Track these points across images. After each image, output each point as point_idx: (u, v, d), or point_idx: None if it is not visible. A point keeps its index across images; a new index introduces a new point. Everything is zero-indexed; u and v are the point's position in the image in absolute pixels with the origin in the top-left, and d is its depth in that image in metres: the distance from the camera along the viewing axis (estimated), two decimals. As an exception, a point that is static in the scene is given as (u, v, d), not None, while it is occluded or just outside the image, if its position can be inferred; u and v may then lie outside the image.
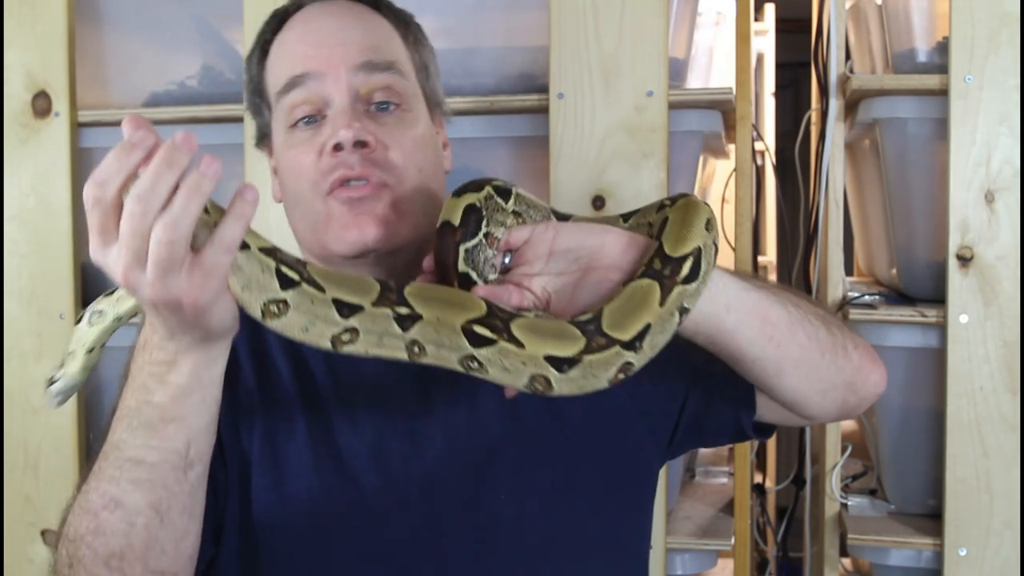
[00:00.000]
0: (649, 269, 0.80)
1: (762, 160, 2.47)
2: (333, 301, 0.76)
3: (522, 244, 0.85)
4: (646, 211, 0.91)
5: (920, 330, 1.60)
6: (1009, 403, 1.53)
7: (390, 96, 1.03)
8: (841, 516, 1.71)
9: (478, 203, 0.86)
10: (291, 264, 0.77)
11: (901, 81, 1.61)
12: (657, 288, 0.79)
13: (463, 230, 0.85)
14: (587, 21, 1.56)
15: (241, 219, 0.74)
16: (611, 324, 0.77)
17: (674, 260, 0.80)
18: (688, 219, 0.83)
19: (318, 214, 1.02)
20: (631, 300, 0.79)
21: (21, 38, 1.74)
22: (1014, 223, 1.53)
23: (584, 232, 0.84)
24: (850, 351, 0.97)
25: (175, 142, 0.73)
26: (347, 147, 0.99)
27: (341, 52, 1.02)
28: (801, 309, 0.94)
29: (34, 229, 1.75)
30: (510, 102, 1.61)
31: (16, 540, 1.77)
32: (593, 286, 0.83)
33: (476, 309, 0.77)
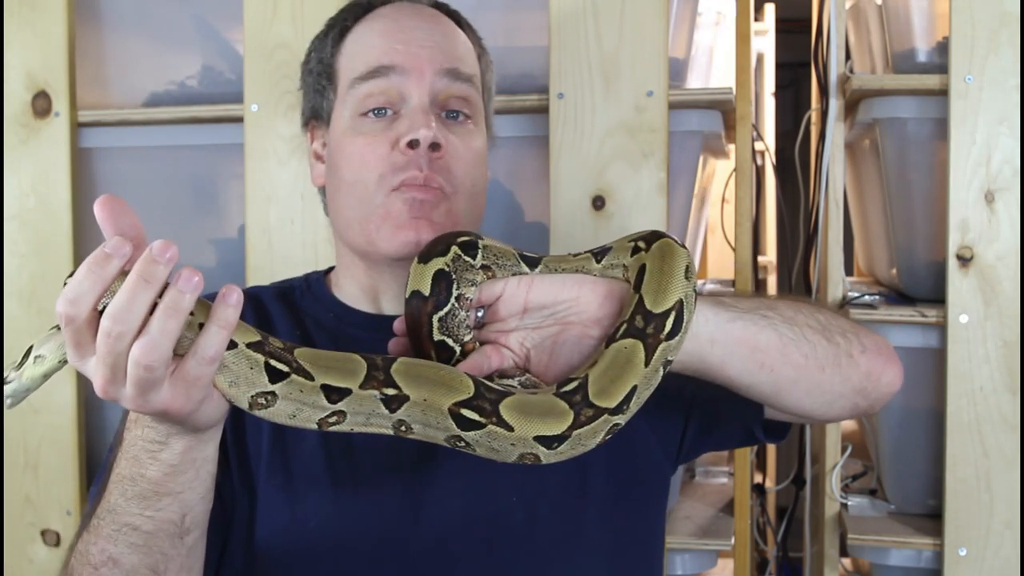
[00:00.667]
0: (631, 326, 0.78)
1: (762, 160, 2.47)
2: (322, 387, 0.75)
3: (495, 300, 0.84)
4: (619, 250, 0.88)
5: (920, 330, 1.60)
6: (1009, 403, 1.53)
7: (463, 107, 1.05)
8: (841, 516, 1.71)
9: (446, 267, 0.84)
10: (279, 355, 0.75)
11: (901, 81, 1.61)
12: (641, 348, 0.78)
13: (434, 300, 0.82)
14: (587, 21, 1.56)
15: (224, 328, 0.72)
16: (597, 392, 0.76)
17: (656, 316, 0.78)
18: (667, 268, 0.81)
19: (376, 207, 1.02)
20: (615, 363, 0.77)
21: (21, 38, 1.74)
22: (1014, 223, 1.53)
23: (558, 286, 0.82)
24: (856, 358, 0.95)
25: (153, 254, 0.68)
26: (423, 146, 1.00)
27: (428, 53, 1.03)
28: (796, 325, 0.90)
29: (34, 229, 1.75)
30: (510, 102, 1.61)
31: (16, 540, 1.77)
32: (573, 343, 0.82)
33: (464, 390, 0.75)
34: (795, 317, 0.91)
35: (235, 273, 1.72)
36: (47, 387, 1.83)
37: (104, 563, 0.84)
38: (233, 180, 1.76)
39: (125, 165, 1.81)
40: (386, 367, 0.76)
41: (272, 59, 1.63)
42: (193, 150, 1.78)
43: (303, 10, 1.61)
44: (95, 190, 1.81)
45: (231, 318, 0.72)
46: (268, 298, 1.12)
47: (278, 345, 0.76)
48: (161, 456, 0.80)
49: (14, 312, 1.76)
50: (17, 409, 1.76)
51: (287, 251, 1.65)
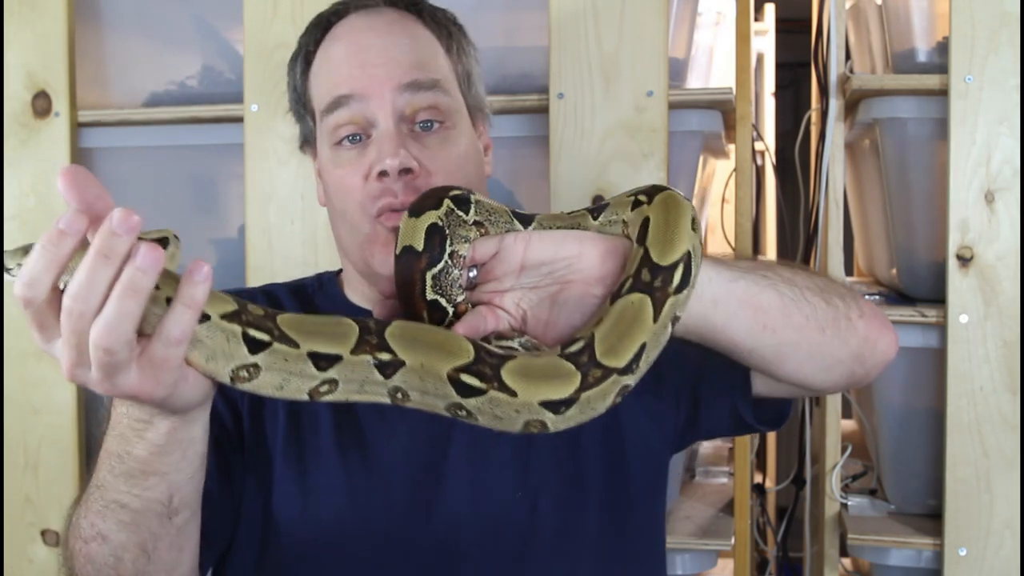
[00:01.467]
0: (637, 281, 0.74)
1: (762, 160, 2.47)
2: (309, 355, 0.70)
3: (490, 258, 0.80)
4: (617, 206, 0.84)
5: (920, 330, 1.60)
6: (1009, 403, 1.53)
7: (434, 115, 1.03)
8: (841, 516, 1.71)
9: (439, 221, 0.79)
10: (259, 324, 0.70)
11: (901, 81, 1.61)
12: (649, 303, 0.74)
13: (428, 255, 0.78)
14: (587, 21, 1.56)
15: (191, 307, 0.67)
16: (605, 351, 0.72)
17: (664, 269, 0.74)
18: (672, 220, 0.77)
19: (364, 233, 1.02)
20: (623, 320, 0.73)
21: (21, 38, 1.74)
22: (1014, 223, 1.53)
23: (557, 241, 0.79)
24: (854, 321, 0.93)
25: (112, 226, 0.64)
26: (392, 174, 0.99)
27: (384, 72, 1.02)
28: (796, 286, 0.89)
29: (34, 229, 1.75)
30: (510, 102, 1.61)
31: (16, 540, 1.77)
32: (575, 302, 0.78)
33: (463, 355, 0.71)
34: (793, 278, 0.90)
35: (235, 273, 1.72)
36: (47, 387, 1.83)
37: (93, 538, 0.83)
38: (233, 180, 1.76)
39: (125, 165, 1.81)
40: (379, 331, 0.72)
41: (272, 59, 1.63)
42: (193, 150, 1.78)
43: (303, 10, 1.61)
44: (95, 190, 1.81)
45: (198, 296, 0.67)
46: (283, 295, 1.13)
47: (258, 313, 0.71)
48: (146, 435, 0.77)
49: (14, 312, 1.76)
50: (17, 409, 1.77)
51: (287, 251, 1.65)
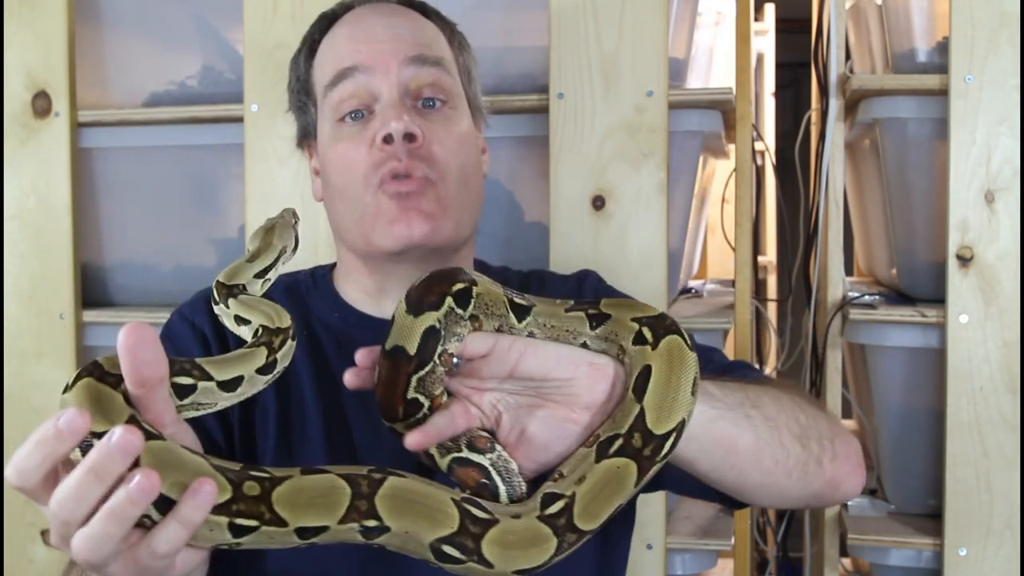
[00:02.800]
0: (628, 445, 0.72)
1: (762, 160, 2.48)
2: (296, 531, 0.68)
3: (478, 358, 0.76)
4: (618, 325, 0.79)
5: (920, 330, 1.60)
6: (1009, 403, 1.53)
7: (437, 93, 1.04)
8: (841, 516, 1.71)
9: (437, 323, 0.75)
10: (250, 510, 0.66)
11: (901, 81, 1.61)
12: (634, 470, 0.72)
13: (418, 359, 0.74)
14: (587, 21, 1.56)
15: (186, 527, 0.64)
16: (582, 512, 0.71)
17: (657, 438, 0.73)
18: (675, 381, 0.74)
19: (367, 207, 1.02)
20: (607, 484, 0.72)
21: (21, 38, 1.74)
22: (1014, 223, 1.53)
23: (552, 361, 0.75)
24: (824, 465, 0.91)
25: (111, 444, 0.61)
26: (397, 139, 1.00)
27: (391, 47, 1.03)
28: (775, 428, 0.86)
29: (34, 229, 1.75)
30: (510, 102, 1.61)
31: (16, 540, 1.77)
32: (554, 423, 0.76)
33: (447, 523, 0.69)
34: (777, 418, 0.87)
35: (235, 273, 1.72)
36: (47, 387, 1.83)
37: None
38: (233, 180, 1.76)
39: (125, 165, 1.81)
40: (371, 493, 0.69)
41: (272, 59, 1.63)
42: (193, 150, 1.78)
43: (303, 10, 1.61)
44: (95, 190, 1.81)
45: (196, 519, 0.63)
46: (276, 292, 1.12)
47: (254, 494, 0.67)
48: None
49: (14, 312, 1.76)
50: (17, 409, 1.77)
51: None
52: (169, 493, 0.63)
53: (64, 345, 1.74)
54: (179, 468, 0.65)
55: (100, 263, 1.84)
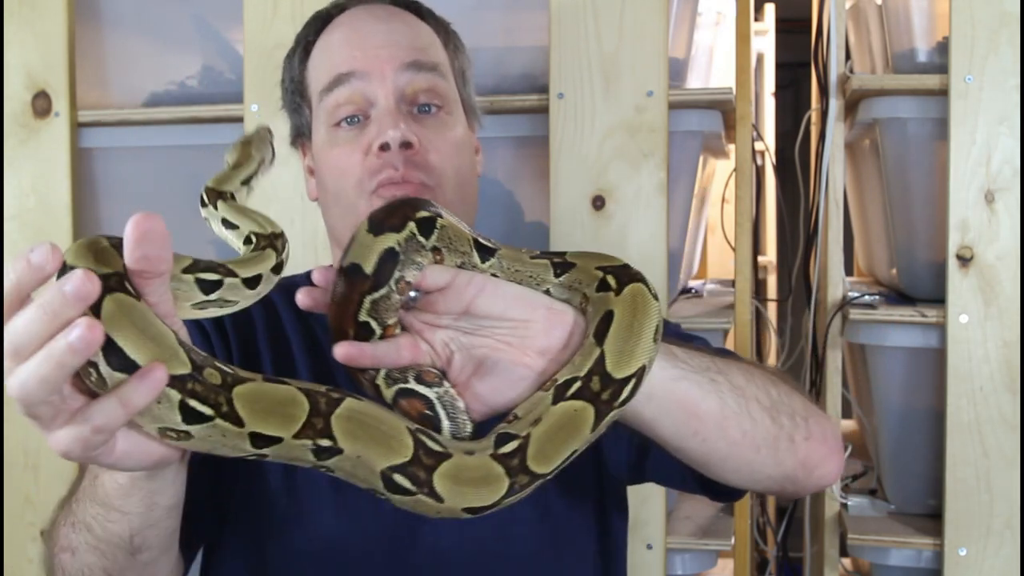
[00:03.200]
0: (586, 388, 0.71)
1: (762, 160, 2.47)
2: (250, 435, 0.65)
3: (436, 290, 0.73)
4: (583, 273, 0.78)
5: (920, 330, 1.60)
6: (1009, 403, 1.53)
7: (432, 98, 1.05)
8: (841, 516, 1.71)
9: (397, 246, 0.72)
10: (207, 395, 0.63)
11: (901, 81, 1.61)
12: (592, 414, 0.70)
13: (373, 280, 0.72)
14: (587, 21, 1.56)
15: (125, 407, 0.60)
16: (535, 455, 0.69)
17: (616, 382, 0.71)
18: (637, 327, 0.72)
19: (360, 213, 1.01)
20: (562, 427, 0.70)
21: (21, 38, 1.74)
22: (1014, 223, 1.53)
23: (510, 300, 0.74)
24: (797, 443, 0.87)
25: (64, 287, 0.58)
26: (394, 147, 1.00)
27: (387, 53, 1.03)
28: (744, 397, 0.83)
29: (34, 229, 1.75)
30: (510, 102, 1.61)
31: (16, 540, 1.77)
32: (506, 366, 0.73)
33: (401, 452, 0.67)
34: (745, 387, 0.84)
35: (235, 273, 1.72)
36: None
37: (65, 549, 0.83)
38: (233, 180, 1.76)
39: (125, 165, 1.81)
40: (328, 412, 0.67)
41: (272, 59, 1.63)
42: (193, 150, 1.78)
43: (303, 10, 1.61)
44: (95, 190, 1.81)
45: (136, 401, 0.60)
46: (274, 291, 1.12)
47: (213, 381, 0.64)
48: (111, 471, 0.74)
49: (14, 312, 1.76)
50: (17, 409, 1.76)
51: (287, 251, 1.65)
52: (124, 348, 0.60)
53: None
54: (143, 331, 0.61)
55: (100, 263, 1.83)
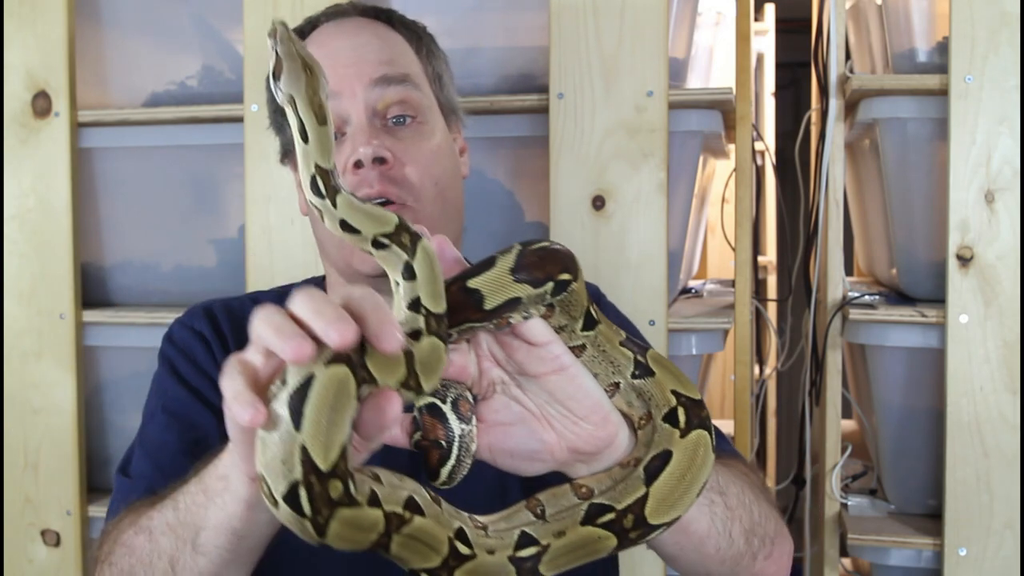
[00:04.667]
0: (618, 524, 0.70)
1: (762, 160, 2.48)
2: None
3: (529, 344, 0.71)
4: (658, 386, 0.76)
5: (920, 330, 1.60)
6: (1009, 403, 1.53)
7: (406, 110, 1.05)
8: (841, 516, 1.71)
9: (524, 299, 0.70)
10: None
11: (901, 81, 1.61)
12: (613, 545, 0.71)
13: (485, 315, 0.70)
14: (587, 21, 1.56)
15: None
16: (549, 563, 0.70)
17: (649, 527, 0.71)
18: (690, 478, 0.72)
19: None
20: (582, 548, 0.71)
21: (21, 38, 1.74)
22: (1014, 223, 1.53)
23: (580, 394, 0.72)
24: (758, 562, 0.91)
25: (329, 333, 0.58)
26: (367, 164, 1.00)
27: (355, 70, 1.03)
28: (730, 520, 0.85)
29: (34, 229, 1.76)
30: (510, 102, 1.61)
31: (16, 540, 1.77)
32: (533, 446, 0.73)
33: (434, 559, 0.67)
34: (736, 508, 0.86)
35: (235, 273, 1.72)
36: (47, 387, 1.83)
37: (143, 530, 0.82)
38: (233, 180, 1.76)
39: (125, 165, 1.81)
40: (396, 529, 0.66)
41: (272, 59, 1.63)
42: (193, 150, 1.78)
43: (303, 10, 1.61)
44: (95, 190, 1.81)
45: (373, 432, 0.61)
46: (271, 300, 1.12)
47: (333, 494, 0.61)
48: (217, 500, 0.75)
49: (14, 312, 1.76)
50: (17, 409, 1.77)
51: (287, 251, 1.65)
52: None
53: (64, 345, 1.75)
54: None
55: (100, 263, 1.84)
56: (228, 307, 1.12)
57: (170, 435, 1.02)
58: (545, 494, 0.73)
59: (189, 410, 1.04)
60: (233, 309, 1.12)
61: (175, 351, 1.08)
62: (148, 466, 1.00)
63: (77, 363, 1.75)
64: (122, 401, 1.81)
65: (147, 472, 1.00)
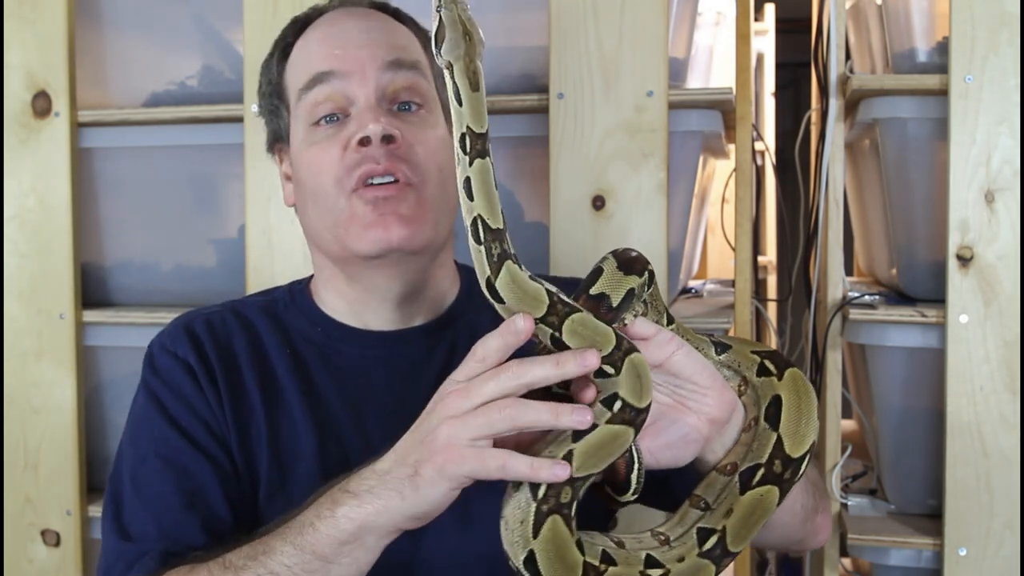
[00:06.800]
0: (770, 471, 0.80)
1: (762, 160, 2.48)
2: None
3: (640, 339, 0.80)
4: (740, 355, 0.87)
5: (920, 330, 1.60)
6: (1009, 403, 1.53)
7: (414, 96, 1.04)
8: (841, 516, 1.71)
9: (636, 289, 0.81)
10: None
11: (901, 81, 1.61)
12: (776, 494, 0.81)
13: (616, 313, 0.79)
14: (587, 21, 1.56)
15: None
16: (733, 541, 0.80)
17: (794, 461, 0.81)
18: (805, 408, 0.82)
19: (341, 212, 1.01)
20: (753, 513, 0.80)
21: (21, 38, 1.74)
22: (1014, 223, 1.53)
23: (700, 366, 0.80)
24: (817, 517, 1.01)
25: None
26: (375, 141, 0.99)
27: (368, 52, 1.03)
28: (809, 482, 0.95)
29: (34, 229, 1.76)
30: (510, 102, 1.61)
31: (16, 540, 1.77)
32: (681, 429, 0.80)
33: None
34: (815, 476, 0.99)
35: (235, 273, 1.72)
36: (47, 387, 1.83)
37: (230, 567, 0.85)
38: (233, 180, 1.76)
39: (125, 165, 1.81)
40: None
41: (272, 59, 1.63)
42: (193, 150, 1.78)
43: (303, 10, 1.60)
44: (95, 190, 1.81)
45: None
46: (253, 314, 1.10)
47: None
48: (337, 516, 0.80)
49: (14, 312, 1.76)
50: (17, 409, 1.77)
51: (287, 251, 1.65)
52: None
53: (64, 345, 1.75)
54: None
55: (100, 263, 1.84)
56: (210, 324, 1.07)
57: (166, 485, 0.98)
58: (700, 487, 0.84)
59: (182, 455, 0.99)
60: (215, 326, 1.07)
61: (160, 384, 1.03)
62: (152, 528, 0.96)
63: (77, 363, 1.75)
64: (122, 401, 1.81)
65: (151, 535, 0.96)
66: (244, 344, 1.06)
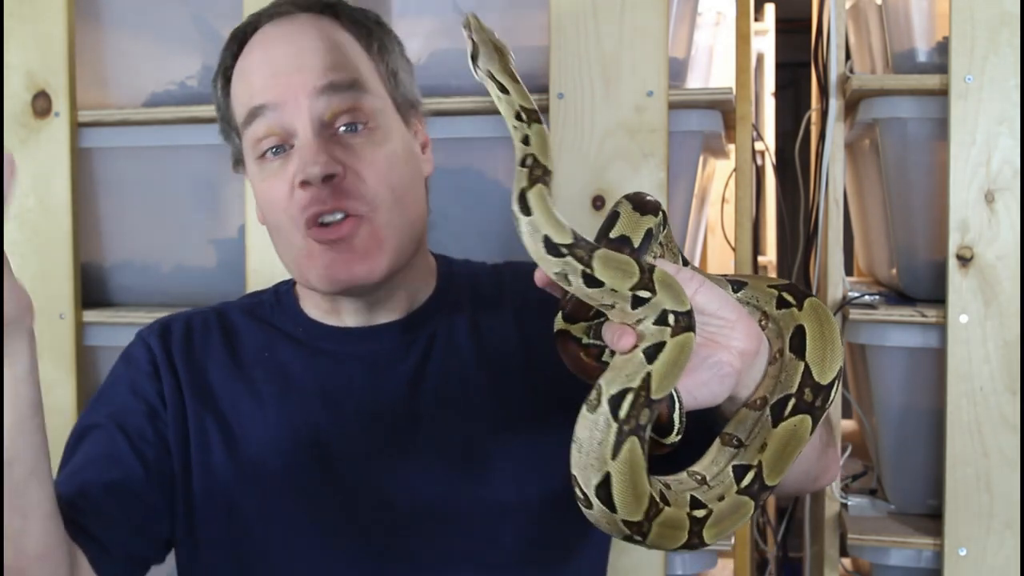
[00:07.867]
0: (800, 400, 0.80)
1: (762, 160, 2.48)
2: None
3: None
4: (757, 290, 0.87)
5: (920, 330, 1.60)
6: (1009, 403, 1.53)
7: (356, 117, 1.00)
8: (841, 516, 1.71)
9: (653, 228, 0.82)
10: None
11: (901, 81, 1.61)
12: (809, 422, 0.81)
13: (637, 255, 0.79)
14: (587, 21, 1.56)
15: None
16: (769, 473, 0.80)
17: (824, 388, 0.81)
18: (828, 335, 0.83)
19: (299, 249, 1.00)
20: (788, 443, 0.80)
21: (21, 38, 1.74)
22: (1014, 223, 1.53)
23: (723, 300, 0.79)
24: (829, 451, 1.02)
25: None
26: (315, 183, 0.96)
27: (299, 79, 0.99)
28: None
29: (34, 229, 1.75)
30: (510, 102, 1.61)
31: (16, 540, 1.77)
32: (714, 365, 0.79)
33: (681, 538, 0.77)
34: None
35: (235, 273, 1.72)
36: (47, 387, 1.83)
37: None
38: (233, 180, 1.76)
39: (125, 165, 1.81)
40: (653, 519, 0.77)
41: (272, 59, 1.63)
42: (193, 150, 1.78)
43: (303, 10, 1.61)
44: (95, 190, 1.81)
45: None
46: (236, 315, 1.12)
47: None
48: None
49: (14, 312, 1.76)
50: (17, 409, 1.76)
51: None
52: None
53: (64, 345, 1.75)
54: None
55: (100, 263, 1.84)
56: (188, 323, 1.11)
57: (91, 470, 1.00)
58: (731, 424, 0.83)
59: (113, 448, 1.02)
60: (193, 325, 1.10)
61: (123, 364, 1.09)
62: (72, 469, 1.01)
63: (77, 363, 1.75)
64: (122, 401, 1.81)
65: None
66: (219, 343, 1.09)
